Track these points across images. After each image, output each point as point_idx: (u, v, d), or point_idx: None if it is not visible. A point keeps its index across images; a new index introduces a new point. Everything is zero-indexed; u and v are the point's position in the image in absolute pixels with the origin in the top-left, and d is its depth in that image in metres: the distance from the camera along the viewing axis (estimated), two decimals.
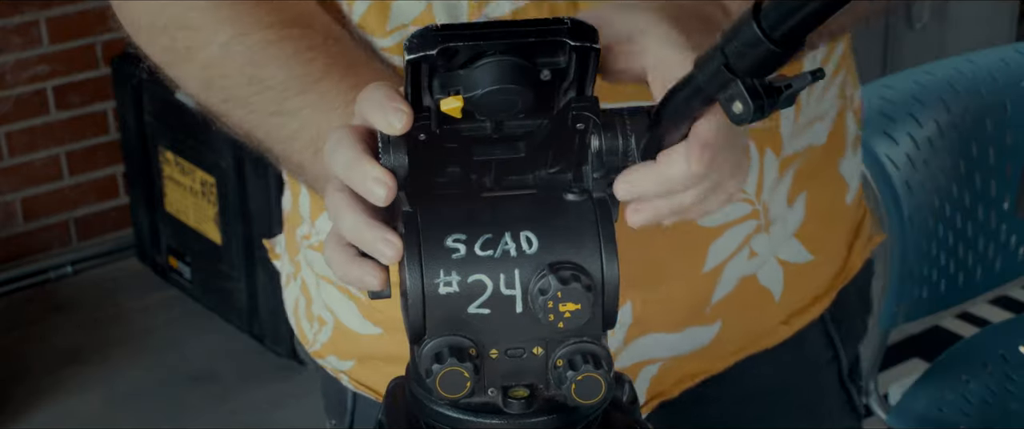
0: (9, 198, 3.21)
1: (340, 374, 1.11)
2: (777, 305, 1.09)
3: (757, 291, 1.07)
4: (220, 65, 0.94)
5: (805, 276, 1.09)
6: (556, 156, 0.76)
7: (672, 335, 1.05)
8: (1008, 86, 1.93)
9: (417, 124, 0.73)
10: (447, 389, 0.71)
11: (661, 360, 1.07)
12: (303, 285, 1.11)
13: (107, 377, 2.88)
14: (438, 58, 0.70)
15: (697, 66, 0.68)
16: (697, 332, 1.06)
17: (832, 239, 1.11)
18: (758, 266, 1.06)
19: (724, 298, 1.05)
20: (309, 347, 1.12)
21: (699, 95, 0.69)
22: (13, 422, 2.76)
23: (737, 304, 1.06)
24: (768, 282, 1.07)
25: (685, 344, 1.06)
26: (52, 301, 3.18)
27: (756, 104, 0.66)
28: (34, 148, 3.20)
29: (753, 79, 0.66)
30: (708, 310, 1.05)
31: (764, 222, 1.04)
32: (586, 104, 0.73)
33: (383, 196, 0.71)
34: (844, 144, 1.11)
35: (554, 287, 0.70)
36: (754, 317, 1.08)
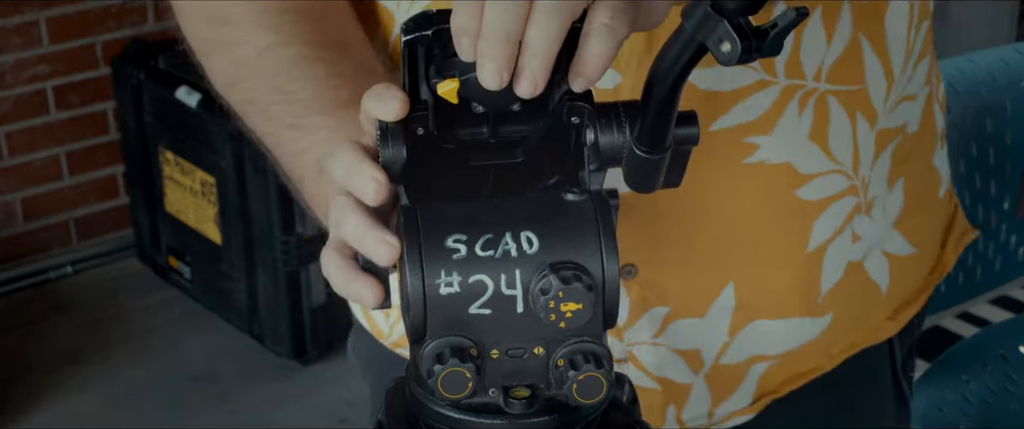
0: (9, 198, 3.21)
1: None
2: (884, 298, 1.09)
3: (865, 282, 1.07)
4: (251, 67, 0.96)
5: (908, 269, 1.10)
6: (553, 163, 0.76)
7: (780, 323, 1.04)
8: (1008, 86, 1.92)
9: (415, 117, 0.73)
10: (449, 389, 0.71)
11: (771, 359, 1.06)
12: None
13: (107, 377, 2.88)
14: (434, 40, 0.70)
15: (685, 15, 0.68)
16: (807, 324, 1.05)
17: (929, 232, 1.12)
18: (863, 253, 1.06)
19: (834, 287, 1.05)
20: (384, 339, 1.11)
21: (690, 44, 0.68)
22: (13, 422, 2.76)
23: (847, 295, 1.06)
24: (875, 274, 1.07)
25: (795, 335, 1.05)
26: (52, 301, 3.18)
27: (744, 44, 0.66)
28: (34, 148, 3.20)
29: (740, 19, 0.66)
30: (820, 300, 1.05)
31: (864, 201, 1.04)
32: (580, 96, 0.73)
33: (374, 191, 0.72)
34: (935, 136, 1.12)
35: (556, 287, 0.70)
36: (863, 311, 1.08)
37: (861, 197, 1.04)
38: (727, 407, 1.07)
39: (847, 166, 1.02)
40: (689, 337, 1.03)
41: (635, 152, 0.73)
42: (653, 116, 0.72)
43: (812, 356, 1.08)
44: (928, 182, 1.12)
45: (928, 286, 1.14)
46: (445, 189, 0.75)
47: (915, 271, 1.12)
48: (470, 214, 0.73)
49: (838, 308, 1.06)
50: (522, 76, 0.70)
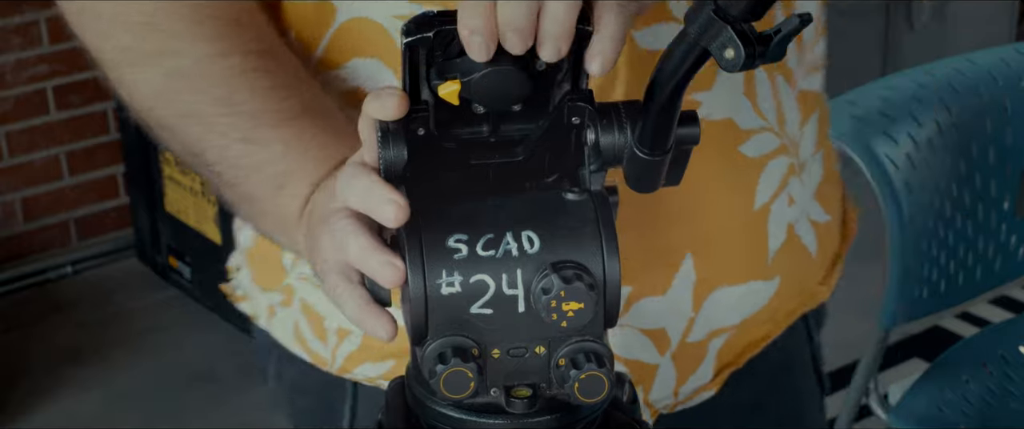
0: (9, 198, 3.21)
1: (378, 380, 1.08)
2: (815, 262, 1.12)
3: (801, 246, 1.09)
4: (191, 78, 0.92)
5: (827, 236, 1.13)
6: (553, 162, 0.76)
7: (738, 289, 1.05)
8: (1008, 86, 1.93)
9: (415, 118, 0.73)
10: (451, 390, 0.71)
11: (729, 330, 1.07)
12: (304, 307, 1.08)
13: (107, 377, 2.88)
14: (435, 42, 0.70)
15: (688, 20, 0.68)
16: (760, 288, 1.07)
17: (836, 203, 1.15)
18: (796, 217, 1.08)
19: (780, 249, 1.06)
20: (328, 366, 1.08)
21: (693, 50, 0.69)
22: (13, 422, 2.76)
23: (790, 257, 1.08)
24: (806, 239, 1.09)
25: (749, 301, 1.07)
26: (52, 301, 3.18)
27: (747, 50, 0.66)
28: (34, 148, 3.20)
29: (743, 25, 0.66)
30: (769, 262, 1.06)
31: (798, 163, 1.06)
32: (581, 97, 0.73)
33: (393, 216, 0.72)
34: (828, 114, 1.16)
35: (557, 286, 0.70)
36: (802, 275, 1.11)
37: (794, 158, 1.06)
38: (691, 384, 1.08)
39: (774, 124, 1.04)
40: (654, 316, 1.04)
41: (636, 153, 0.73)
42: (655, 119, 0.72)
43: (764, 322, 1.09)
44: (834, 155, 1.15)
45: (842, 254, 1.16)
46: (446, 189, 0.75)
47: (832, 238, 1.15)
48: (471, 214, 0.73)
49: (784, 271, 1.08)
50: (545, 42, 0.70)
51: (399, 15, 0.93)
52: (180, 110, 0.93)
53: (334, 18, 0.96)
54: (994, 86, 1.92)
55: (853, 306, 3.01)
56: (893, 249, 1.81)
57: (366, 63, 0.96)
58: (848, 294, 3.36)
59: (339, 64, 0.97)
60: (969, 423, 1.85)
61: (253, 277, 1.14)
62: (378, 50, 0.95)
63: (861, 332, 2.00)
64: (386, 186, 0.73)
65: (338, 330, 1.06)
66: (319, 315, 1.07)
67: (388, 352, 1.05)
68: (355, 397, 1.10)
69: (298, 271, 1.07)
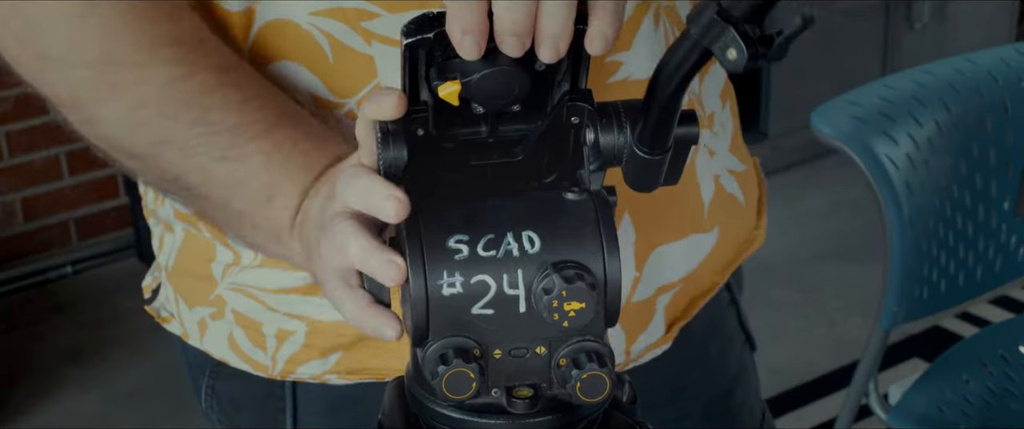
0: (9, 198, 3.21)
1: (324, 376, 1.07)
2: (744, 211, 1.14)
3: (730, 196, 1.11)
4: (159, 105, 0.90)
5: (748, 184, 1.15)
6: (552, 162, 0.76)
7: (678, 245, 1.06)
8: (1008, 86, 1.93)
9: (415, 118, 0.73)
10: (453, 390, 0.71)
11: (675, 285, 1.08)
12: (237, 316, 1.07)
13: (107, 377, 2.89)
14: (435, 42, 0.70)
15: (690, 21, 0.68)
16: (699, 241, 1.08)
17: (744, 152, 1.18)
18: (719, 169, 1.11)
19: (713, 200, 1.08)
20: (268, 372, 1.07)
21: (696, 49, 0.69)
22: (13, 422, 2.76)
23: (723, 208, 1.10)
24: (731, 189, 1.12)
25: (692, 255, 1.08)
26: (52, 301, 3.18)
27: (750, 51, 0.66)
28: (34, 148, 3.20)
29: (746, 26, 0.66)
30: (705, 215, 1.08)
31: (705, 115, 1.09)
32: (580, 96, 0.74)
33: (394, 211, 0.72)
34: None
35: (559, 286, 0.70)
36: (736, 223, 1.13)
37: (701, 110, 1.08)
38: (642, 342, 1.09)
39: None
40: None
41: (636, 153, 0.73)
42: (655, 118, 0.72)
43: (707, 274, 1.11)
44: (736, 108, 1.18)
45: (762, 199, 1.19)
46: (446, 189, 0.75)
47: (752, 185, 1.17)
48: (471, 214, 0.73)
49: (720, 221, 1.10)
50: (544, 42, 0.70)
51: (317, 11, 0.93)
52: (152, 138, 0.91)
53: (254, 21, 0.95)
54: (994, 86, 1.92)
55: (853, 306, 3.02)
56: (893, 249, 1.81)
57: (285, 65, 0.95)
58: (848, 294, 3.38)
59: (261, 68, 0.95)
60: (969, 423, 1.85)
61: (177, 294, 1.12)
62: (297, 52, 0.94)
63: (861, 332, 2.00)
64: (386, 183, 0.73)
65: (277, 333, 1.05)
66: (255, 322, 1.06)
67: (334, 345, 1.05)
68: (295, 399, 1.09)
69: (229, 280, 1.06)
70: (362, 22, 0.92)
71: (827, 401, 2.71)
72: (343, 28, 0.93)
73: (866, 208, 3.02)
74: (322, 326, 1.04)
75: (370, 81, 0.94)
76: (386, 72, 0.94)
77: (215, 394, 1.15)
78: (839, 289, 3.08)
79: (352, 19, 0.92)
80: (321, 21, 0.93)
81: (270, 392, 1.09)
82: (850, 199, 3.48)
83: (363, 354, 1.05)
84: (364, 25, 0.92)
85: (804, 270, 3.19)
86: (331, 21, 0.93)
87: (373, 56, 0.93)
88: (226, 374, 1.11)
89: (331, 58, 0.94)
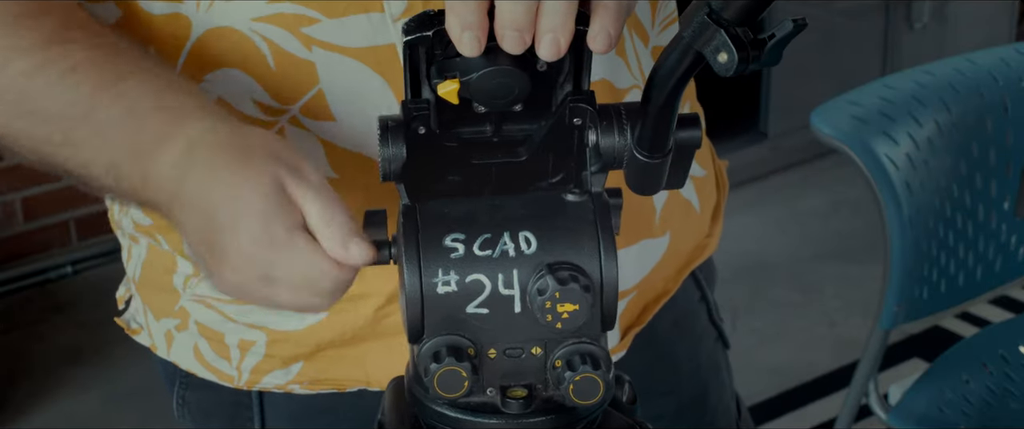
0: (9, 198, 3.21)
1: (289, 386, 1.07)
2: (699, 217, 1.14)
3: (684, 202, 1.11)
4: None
5: (706, 189, 1.15)
6: (557, 163, 0.76)
7: (631, 250, 1.06)
8: (1008, 86, 1.92)
9: (416, 116, 0.73)
10: (445, 388, 0.71)
11: (630, 293, 1.08)
12: (200, 327, 1.07)
13: (107, 377, 2.88)
14: (434, 41, 0.70)
15: (683, 23, 0.68)
16: (651, 245, 1.08)
17: (706, 156, 1.17)
18: None
19: (664, 207, 1.08)
20: (234, 382, 1.07)
21: (688, 52, 0.69)
22: (13, 422, 2.76)
23: (675, 214, 1.09)
24: (688, 194, 1.12)
25: (644, 260, 1.08)
26: (52, 301, 3.18)
27: (741, 54, 0.66)
28: None
29: (737, 29, 0.66)
30: (657, 221, 1.08)
31: None
32: (582, 98, 0.73)
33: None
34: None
35: (552, 287, 0.70)
36: (689, 229, 1.13)
37: None
38: None
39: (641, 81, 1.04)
40: None
41: (636, 156, 0.73)
42: (652, 122, 0.72)
43: (660, 280, 1.11)
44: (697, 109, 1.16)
45: (720, 205, 1.19)
46: (445, 188, 0.75)
47: (710, 191, 1.17)
48: (469, 213, 0.73)
49: (672, 226, 1.10)
50: (543, 38, 0.70)
51: (259, 17, 0.92)
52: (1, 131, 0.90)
53: (190, 31, 0.93)
54: (994, 86, 1.92)
55: (853, 306, 3.02)
56: (893, 249, 1.81)
57: (224, 73, 0.94)
58: (848, 294, 3.37)
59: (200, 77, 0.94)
60: (969, 423, 1.85)
61: (145, 306, 1.12)
62: (236, 58, 0.93)
63: (861, 332, 2.00)
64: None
65: (239, 344, 1.05)
66: (217, 333, 1.06)
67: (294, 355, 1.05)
68: (262, 408, 1.09)
69: (190, 292, 1.06)
70: (302, 28, 0.92)
71: (827, 401, 2.70)
72: (284, 34, 0.92)
73: (866, 208, 3.02)
74: (281, 336, 1.04)
75: (311, 87, 0.93)
76: (327, 78, 0.93)
77: (186, 404, 1.15)
78: (839, 289, 3.08)
79: (292, 25, 0.92)
80: (262, 27, 0.92)
81: (238, 401, 1.09)
82: (850, 199, 3.48)
83: (323, 363, 1.05)
84: (304, 31, 0.92)
85: (804, 270, 3.18)
86: (272, 27, 0.92)
87: (314, 62, 0.93)
88: (195, 384, 1.12)
89: (272, 65, 0.93)
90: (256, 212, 0.77)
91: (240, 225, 0.77)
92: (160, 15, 0.93)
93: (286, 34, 0.92)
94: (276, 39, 0.92)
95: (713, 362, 1.24)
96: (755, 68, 0.67)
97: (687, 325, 1.20)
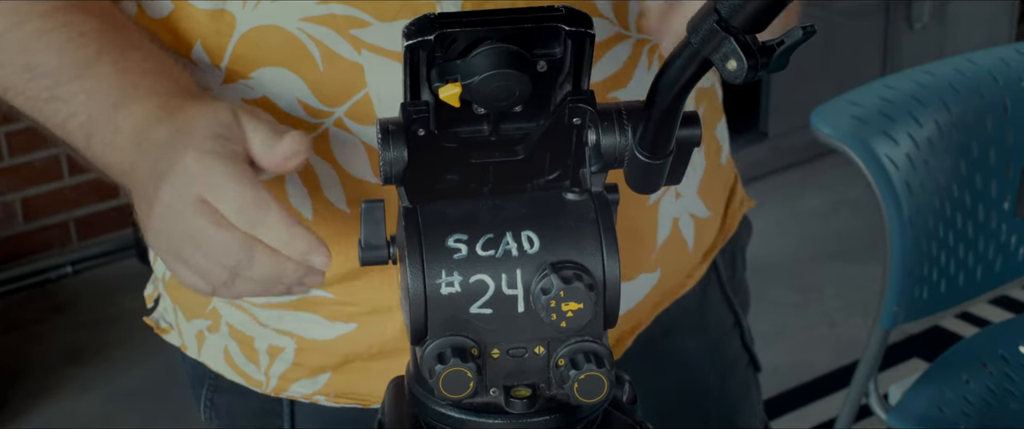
0: (9, 198, 3.21)
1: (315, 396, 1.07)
2: (689, 256, 1.13)
3: (680, 239, 1.10)
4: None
5: (705, 231, 1.14)
6: (553, 161, 0.76)
7: (628, 284, 1.06)
8: (1008, 86, 1.93)
9: (416, 119, 0.73)
10: (450, 389, 0.71)
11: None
12: (231, 330, 1.07)
13: (107, 377, 2.88)
14: (436, 44, 0.70)
15: (691, 29, 0.68)
16: (644, 280, 1.08)
17: (718, 196, 1.16)
18: (681, 211, 1.09)
19: (664, 242, 1.08)
20: (263, 388, 1.08)
21: (695, 58, 0.69)
22: (13, 422, 2.76)
23: (670, 250, 1.09)
24: (686, 233, 1.11)
25: (634, 294, 1.08)
26: (52, 301, 3.18)
27: (750, 62, 0.66)
28: (34, 148, 3.20)
29: (746, 37, 0.66)
30: (653, 255, 1.07)
31: None
32: (582, 98, 0.73)
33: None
34: (718, 107, 1.15)
35: (556, 287, 0.70)
36: (676, 267, 1.12)
37: None
38: None
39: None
40: None
41: (637, 156, 0.74)
42: (656, 124, 0.72)
43: (636, 313, 1.10)
44: (714, 150, 1.15)
45: (715, 248, 1.17)
46: (446, 189, 0.75)
47: (709, 233, 1.15)
48: (471, 214, 0.73)
49: (664, 263, 1.09)
50: None
51: (308, 17, 0.92)
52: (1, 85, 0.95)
53: (234, 28, 0.95)
54: (994, 86, 1.92)
55: (853, 306, 3.02)
56: (893, 249, 1.81)
57: (271, 71, 0.95)
58: (848, 294, 3.37)
59: (246, 74, 0.96)
60: (969, 423, 1.85)
61: (176, 306, 1.13)
62: (283, 57, 0.94)
63: (861, 332, 2.00)
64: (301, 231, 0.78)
65: (268, 349, 1.05)
66: (247, 337, 1.06)
67: (321, 365, 1.05)
68: (293, 417, 1.09)
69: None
70: (352, 30, 0.92)
71: (827, 401, 2.70)
72: (334, 35, 0.92)
73: (866, 208, 3.02)
74: (310, 344, 1.04)
75: (359, 90, 0.93)
76: (374, 82, 0.93)
77: (214, 406, 1.15)
78: (839, 289, 3.08)
79: (342, 26, 0.92)
80: (311, 28, 0.92)
81: (269, 409, 1.09)
82: (850, 199, 3.48)
83: (350, 376, 1.05)
84: (354, 33, 0.92)
85: (804, 270, 3.18)
86: (322, 28, 0.92)
87: (362, 65, 0.93)
88: (224, 387, 1.12)
89: (321, 65, 0.93)
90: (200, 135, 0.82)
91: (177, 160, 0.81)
92: (205, 10, 0.94)
93: (336, 36, 0.92)
94: (325, 40, 0.92)
95: (744, 386, 1.23)
96: (763, 74, 0.67)
97: (720, 350, 1.19)
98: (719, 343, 1.19)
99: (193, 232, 0.81)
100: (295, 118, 0.95)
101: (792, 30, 0.67)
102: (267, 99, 0.95)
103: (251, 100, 0.95)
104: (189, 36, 0.96)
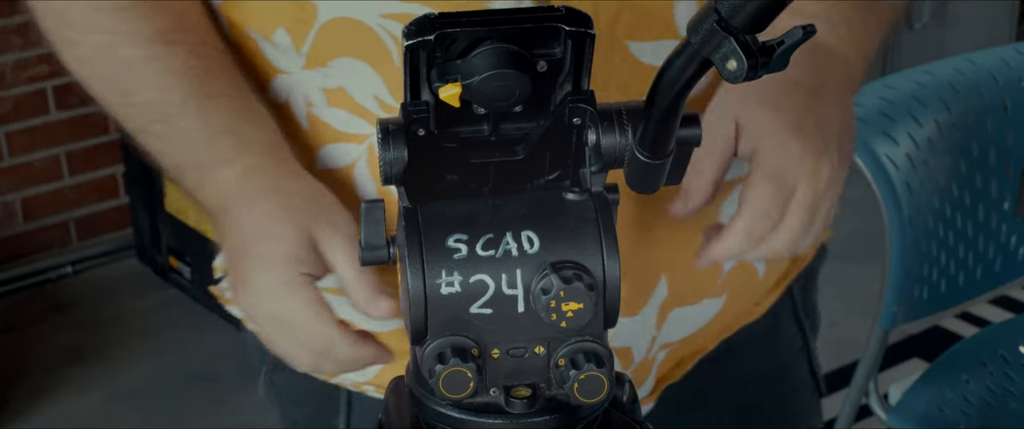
0: (9, 198, 3.21)
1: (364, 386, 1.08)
2: (760, 283, 1.12)
3: (750, 266, 1.10)
4: (92, 66, 0.97)
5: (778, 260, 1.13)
6: (553, 160, 0.76)
7: (693, 308, 1.06)
8: (1008, 86, 1.93)
9: (416, 119, 0.73)
10: (450, 389, 0.71)
11: (671, 346, 1.08)
12: None
13: (107, 377, 2.89)
14: (436, 44, 0.71)
15: (691, 30, 0.68)
16: (710, 305, 1.07)
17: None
18: None
19: (731, 269, 1.07)
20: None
21: (695, 58, 0.68)
22: (13, 422, 2.77)
23: (738, 276, 1.08)
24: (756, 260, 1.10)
25: (699, 318, 1.07)
26: (52, 301, 3.18)
27: (750, 62, 0.66)
28: (34, 148, 3.20)
29: (747, 37, 0.66)
30: (720, 280, 1.07)
31: None
32: (582, 98, 0.74)
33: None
34: None
35: (556, 287, 0.70)
36: (744, 294, 1.11)
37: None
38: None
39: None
40: (624, 336, 1.05)
41: (637, 156, 0.74)
42: (656, 124, 0.72)
43: (700, 338, 1.10)
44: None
45: (788, 276, 1.16)
46: (446, 188, 0.75)
47: (781, 262, 1.15)
48: (471, 214, 0.73)
49: (731, 289, 1.09)
50: None
51: (388, 14, 0.93)
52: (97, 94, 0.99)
53: (316, 17, 0.96)
54: (994, 86, 1.92)
55: (853, 306, 3.02)
56: (893, 249, 1.81)
57: (350, 63, 0.96)
58: (848, 294, 3.37)
59: (325, 62, 0.97)
60: (969, 423, 1.85)
61: None
62: (362, 50, 0.95)
63: (861, 332, 2.00)
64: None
65: None
66: None
67: None
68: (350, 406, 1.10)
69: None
70: None
71: (827, 401, 2.70)
72: None
73: (866, 208, 3.02)
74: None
75: None
76: None
77: (274, 385, 1.18)
78: (839, 289, 3.08)
79: None
80: (391, 24, 0.94)
81: (326, 393, 1.10)
82: (850, 199, 3.47)
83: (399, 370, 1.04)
84: None
85: None
86: (399, 25, 0.93)
87: None
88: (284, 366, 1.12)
89: (397, 62, 0.94)
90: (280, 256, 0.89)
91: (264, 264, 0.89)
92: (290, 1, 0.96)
93: None
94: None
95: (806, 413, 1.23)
96: (763, 74, 0.67)
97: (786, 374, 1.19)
98: (785, 367, 1.18)
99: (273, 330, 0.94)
100: (369, 111, 0.96)
101: (792, 30, 0.67)
102: (343, 90, 0.96)
103: (329, 89, 0.97)
104: (272, 21, 0.98)
